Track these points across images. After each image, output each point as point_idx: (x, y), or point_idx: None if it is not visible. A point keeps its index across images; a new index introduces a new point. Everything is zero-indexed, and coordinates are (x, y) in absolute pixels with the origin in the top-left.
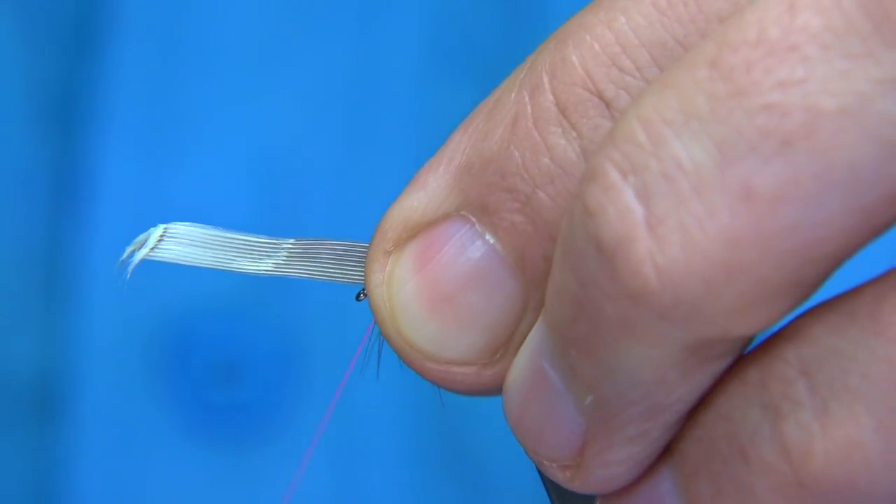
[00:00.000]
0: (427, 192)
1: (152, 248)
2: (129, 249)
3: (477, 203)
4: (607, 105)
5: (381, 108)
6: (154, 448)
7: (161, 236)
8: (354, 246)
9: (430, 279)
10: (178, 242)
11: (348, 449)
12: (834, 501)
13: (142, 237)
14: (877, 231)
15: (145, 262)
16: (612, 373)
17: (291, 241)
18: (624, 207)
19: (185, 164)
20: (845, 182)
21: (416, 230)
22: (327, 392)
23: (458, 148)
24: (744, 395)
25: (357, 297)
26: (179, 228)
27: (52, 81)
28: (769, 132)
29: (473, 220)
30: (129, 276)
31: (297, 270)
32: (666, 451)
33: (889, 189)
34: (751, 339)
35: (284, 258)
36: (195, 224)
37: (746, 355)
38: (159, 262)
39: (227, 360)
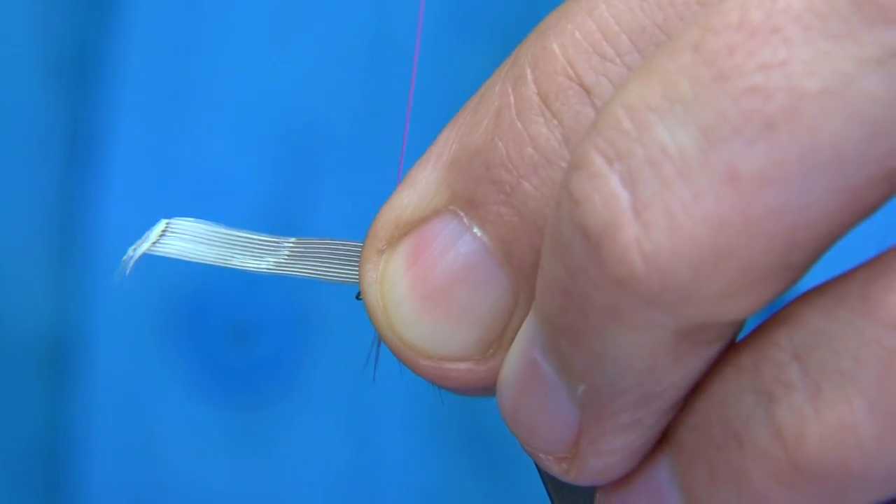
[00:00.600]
0: (417, 188)
1: (154, 243)
2: (132, 248)
3: (464, 197)
4: (588, 92)
5: (398, 72)
6: (166, 406)
7: (163, 231)
8: (356, 246)
9: (420, 276)
10: (180, 238)
11: (363, 412)
12: (828, 485)
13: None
14: (864, 213)
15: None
16: (603, 361)
17: (293, 240)
18: (609, 194)
19: (200, 122)
20: (830, 163)
21: (408, 228)
22: (341, 351)
23: (446, 143)
24: (737, 381)
25: (357, 297)
26: (181, 224)
27: (66, 38)
28: (752, 115)
29: (462, 214)
30: (129, 271)
31: (298, 269)
32: (662, 440)
33: (875, 170)
34: (741, 324)
35: (285, 257)
36: (197, 220)
37: (739, 341)
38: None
39: (241, 320)
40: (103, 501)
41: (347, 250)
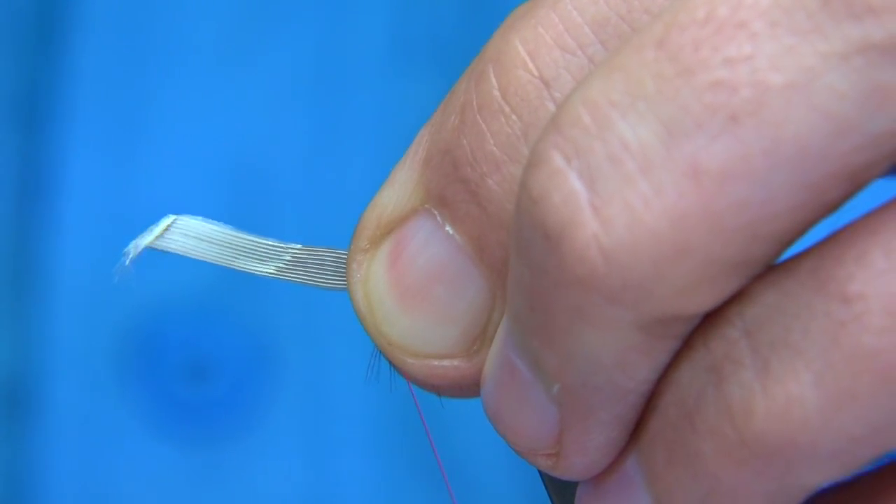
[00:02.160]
0: (395, 188)
1: (158, 237)
2: (134, 241)
3: (437, 195)
4: (547, 85)
5: (346, 101)
6: (124, 446)
7: (168, 226)
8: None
9: (398, 274)
10: (185, 235)
11: (322, 446)
12: (776, 462)
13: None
14: (826, 209)
15: (114, 260)
16: (574, 360)
17: (298, 246)
18: (568, 192)
19: (151, 163)
20: (793, 158)
21: (389, 227)
22: (299, 386)
23: (420, 142)
24: (690, 360)
25: None
26: (187, 221)
27: (15, 80)
28: (716, 109)
29: (436, 212)
30: (129, 263)
31: (298, 276)
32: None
33: (838, 166)
34: (705, 315)
35: (287, 262)
36: (204, 219)
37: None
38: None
39: (196, 358)
40: None
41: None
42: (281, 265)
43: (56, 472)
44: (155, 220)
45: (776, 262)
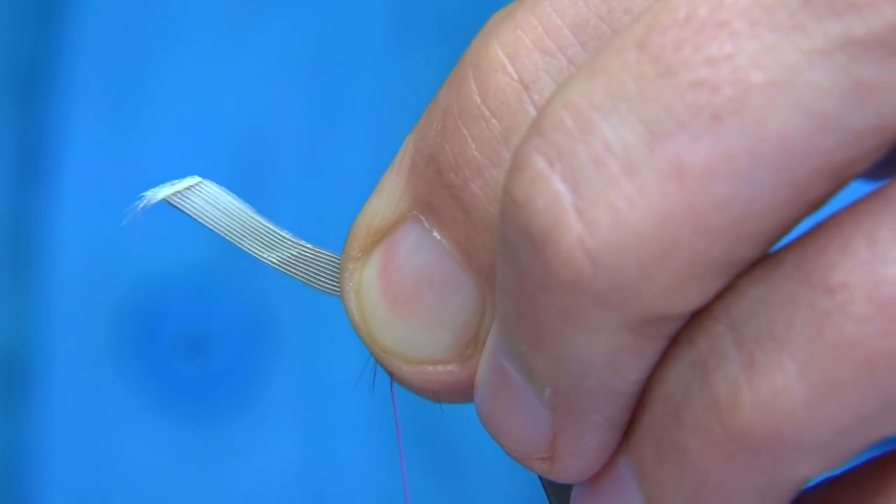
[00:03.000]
0: (383, 196)
1: (177, 192)
2: (152, 189)
3: (423, 201)
4: (526, 88)
5: (348, 76)
6: (123, 422)
7: (190, 186)
8: None
9: (389, 281)
10: (204, 199)
11: (319, 422)
12: (763, 454)
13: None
14: (810, 207)
15: (112, 235)
16: (563, 363)
17: (308, 245)
18: (551, 195)
19: (151, 135)
20: (776, 156)
21: (379, 235)
22: (297, 362)
23: (406, 150)
24: (676, 357)
25: None
26: (211, 187)
27: (14, 53)
28: (699, 108)
29: (423, 219)
30: (140, 213)
31: (299, 273)
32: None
33: (821, 163)
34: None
35: (292, 257)
36: (227, 190)
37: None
38: (126, 234)
39: (195, 332)
40: None
41: None
42: (285, 258)
43: (54, 448)
44: None
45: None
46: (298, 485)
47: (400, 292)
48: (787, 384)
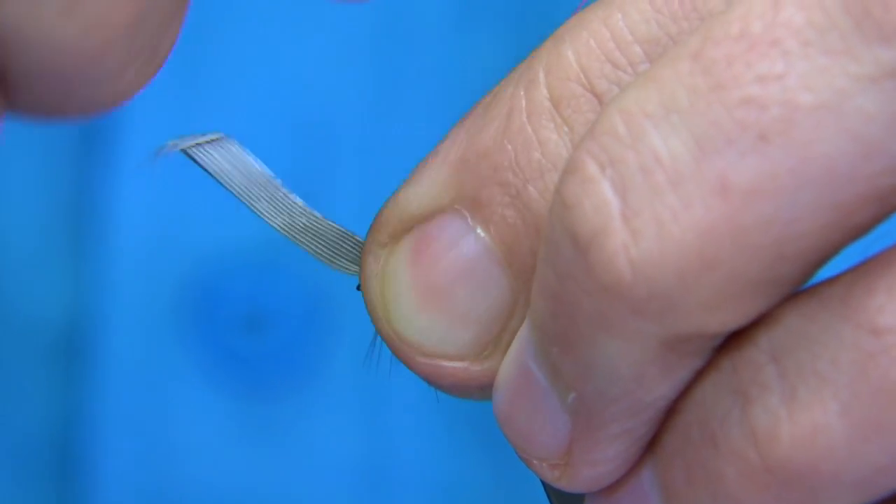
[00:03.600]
0: (423, 185)
1: (197, 145)
2: (174, 139)
3: (470, 197)
4: (599, 100)
5: (410, 57)
6: (180, 396)
7: (212, 140)
8: (362, 243)
9: (422, 272)
10: (223, 156)
11: (378, 401)
12: (799, 488)
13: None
14: (855, 232)
15: (174, 208)
16: (592, 370)
17: (318, 216)
18: (600, 200)
19: (215, 111)
20: (821, 178)
21: (412, 223)
22: (355, 340)
23: (455, 142)
24: (715, 381)
25: (358, 288)
26: (232, 145)
27: None
28: (747, 126)
29: (466, 214)
30: (158, 156)
31: (305, 243)
32: (649, 445)
33: (865, 188)
34: (730, 336)
35: (300, 225)
36: (247, 150)
37: (721, 344)
38: (189, 208)
39: (254, 311)
40: (117, 489)
41: (357, 245)
42: (293, 224)
43: (111, 420)
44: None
45: (805, 286)
46: (355, 463)
47: (432, 284)
48: (827, 422)
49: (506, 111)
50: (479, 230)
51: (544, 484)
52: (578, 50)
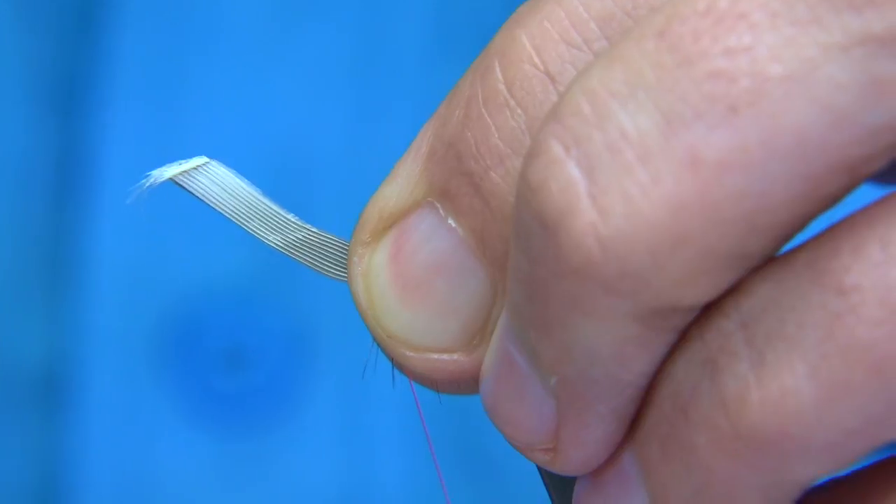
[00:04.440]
0: (398, 181)
1: (184, 172)
2: (159, 169)
3: (440, 188)
4: (552, 80)
5: (388, 85)
6: (161, 435)
7: (198, 167)
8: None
9: (400, 267)
10: (210, 180)
11: (359, 434)
12: (770, 454)
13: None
14: (825, 203)
15: (152, 246)
16: (570, 351)
17: (314, 228)
18: (566, 180)
19: (190, 146)
20: (791, 149)
21: (391, 220)
22: (335, 376)
23: (424, 136)
24: (685, 353)
25: None
26: (218, 168)
27: (54, 65)
28: (715, 99)
29: (438, 206)
30: (146, 189)
31: (303, 256)
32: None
33: (836, 158)
34: (701, 307)
35: (296, 240)
36: (234, 172)
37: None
38: (166, 247)
39: (234, 346)
40: None
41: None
42: (289, 240)
43: (92, 460)
44: (194, 208)
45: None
46: (337, 498)
47: (410, 278)
48: (796, 385)
49: (465, 100)
50: (450, 221)
51: (539, 470)
52: (532, 32)
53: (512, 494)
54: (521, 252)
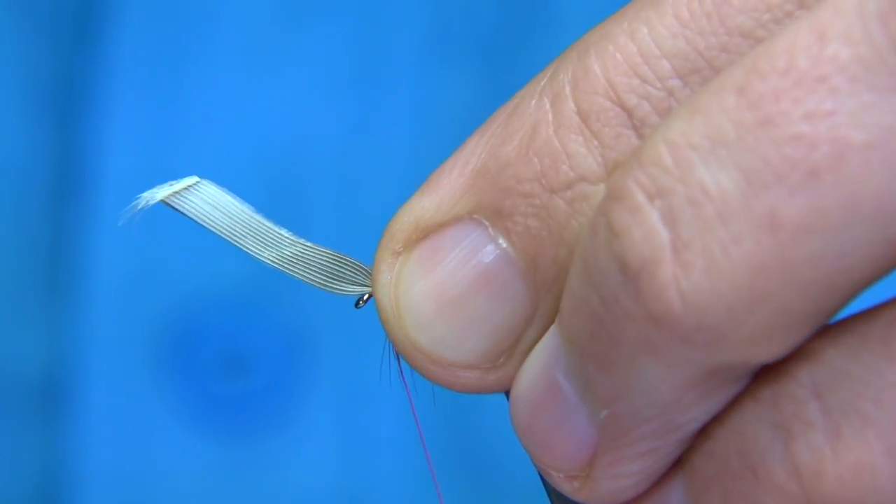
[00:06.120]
0: (439, 194)
1: (175, 193)
2: (150, 190)
3: (491, 207)
4: (629, 114)
5: (383, 92)
6: (160, 441)
7: (189, 187)
8: (356, 264)
9: (439, 281)
10: (202, 199)
11: (358, 440)
12: None
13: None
14: None
15: (150, 254)
16: (630, 390)
17: (307, 242)
18: (650, 230)
19: (188, 153)
20: (871, 214)
21: (427, 232)
22: (334, 382)
23: (475, 152)
24: (755, 413)
25: (356, 305)
26: (210, 187)
27: (52, 72)
28: (796, 163)
29: (486, 223)
30: (138, 211)
31: (299, 272)
32: (677, 464)
33: None
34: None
35: (291, 255)
36: (226, 190)
37: (759, 372)
38: (164, 252)
39: (233, 352)
40: None
41: (350, 266)
42: (284, 256)
43: (92, 466)
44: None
45: (844, 321)
46: (339, 501)
47: (450, 294)
48: (873, 462)
49: (530, 124)
50: (500, 240)
51: (546, 488)
52: (605, 64)
53: (511, 501)
54: (591, 288)
